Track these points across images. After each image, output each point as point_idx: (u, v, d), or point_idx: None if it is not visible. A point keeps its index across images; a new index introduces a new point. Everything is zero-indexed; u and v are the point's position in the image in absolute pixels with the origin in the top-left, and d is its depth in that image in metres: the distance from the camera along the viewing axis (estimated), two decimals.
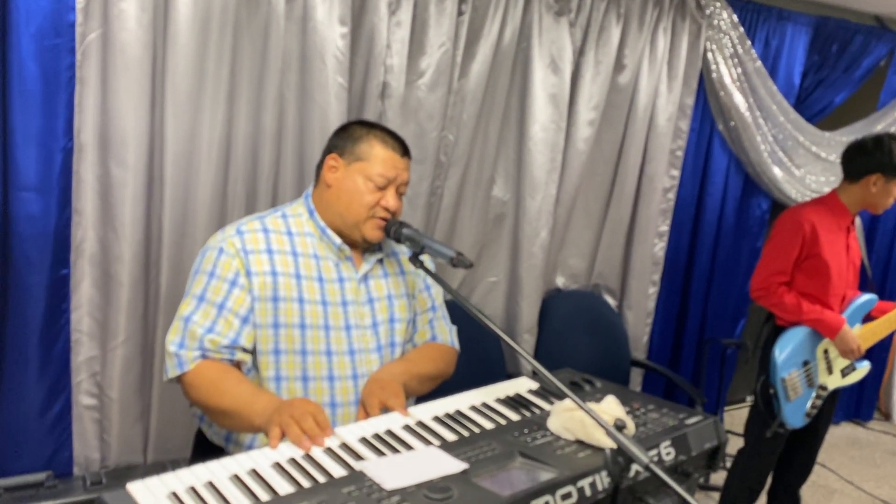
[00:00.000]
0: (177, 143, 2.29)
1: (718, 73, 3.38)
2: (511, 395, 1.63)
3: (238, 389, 1.52)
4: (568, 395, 1.35)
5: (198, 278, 1.63)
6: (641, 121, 3.24)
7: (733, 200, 3.71)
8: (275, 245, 1.66)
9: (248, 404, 1.48)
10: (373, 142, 1.69)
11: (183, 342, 1.56)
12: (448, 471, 1.23)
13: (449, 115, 2.76)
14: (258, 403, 1.48)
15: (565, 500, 1.21)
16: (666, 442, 1.42)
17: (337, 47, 2.44)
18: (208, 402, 1.53)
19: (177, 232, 2.36)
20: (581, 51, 3.02)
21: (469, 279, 3.09)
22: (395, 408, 1.49)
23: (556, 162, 3.01)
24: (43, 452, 2.34)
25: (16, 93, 2.03)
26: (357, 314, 1.70)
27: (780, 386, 2.69)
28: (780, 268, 2.74)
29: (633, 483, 1.33)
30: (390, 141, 1.71)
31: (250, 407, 1.48)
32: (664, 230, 3.50)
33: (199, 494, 1.14)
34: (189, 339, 1.56)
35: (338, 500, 1.12)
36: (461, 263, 1.57)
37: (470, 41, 2.74)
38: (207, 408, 1.55)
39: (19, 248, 2.13)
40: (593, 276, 3.45)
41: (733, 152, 3.60)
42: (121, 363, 2.36)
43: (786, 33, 3.59)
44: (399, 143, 1.73)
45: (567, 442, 1.39)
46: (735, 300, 3.88)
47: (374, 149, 1.68)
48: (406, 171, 1.73)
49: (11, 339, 2.20)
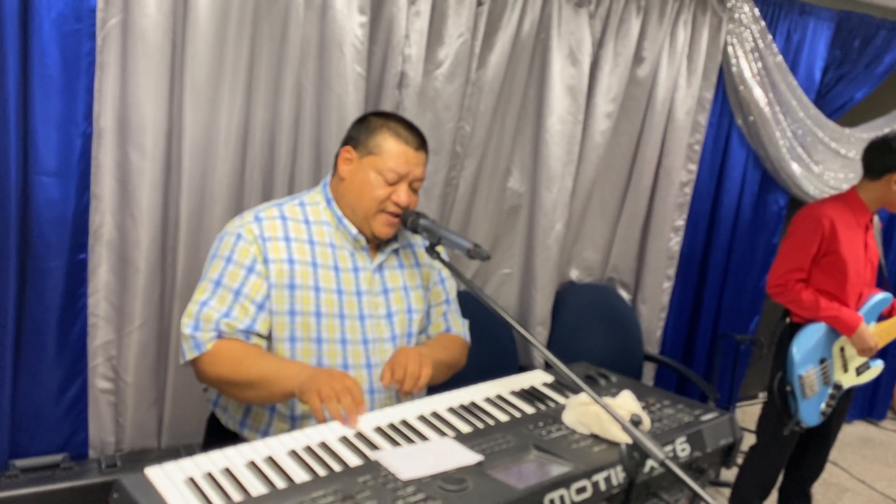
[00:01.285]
0: (195, 129, 2.30)
1: (738, 67, 3.34)
2: (526, 388, 1.63)
3: (265, 359, 1.54)
4: (584, 389, 1.35)
5: (214, 263, 1.63)
6: (660, 114, 3.22)
7: (750, 196, 3.67)
8: (292, 233, 1.66)
9: (278, 370, 1.50)
10: (386, 135, 1.67)
11: (198, 325, 1.57)
12: (463, 462, 1.23)
13: (466, 105, 2.75)
14: (290, 369, 1.50)
15: (580, 494, 1.21)
16: (681, 438, 1.42)
17: (355, 36, 2.43)
18: (233, 376, 1.52)
19: (193, 219, 2.37)
20: (600, 43, 2.99)
21: (483, 270, 3.08)
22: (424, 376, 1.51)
23: (573, 154, 2.99)
24: (59, 435, 2.37)
25: (37, 77, 2.04)
26: (371, 304, 1.71)
27: (797, 383, 2.68)
28: (797, 264, 2.72)
29: (648, 478, 1.33)
30: (404, 134, 1.68)
31: (281, 372, 1.49)
32: (680, 224, 3.48)
33: (216, 480, 1.14)
34: (204, 322, 1.57)
35: (353, 488, 1.13)
36: (478, 255, 1.57)
37: (489, 32, 2.73)
38: (231, 381, 1.53)
39: (38, 231, 2.14)
40: (608, 269, 3.43)
41: (751, 147, 3.57)
42: (136, 348, 2.38)
43: (807, 28, 3.54)
44: (415, 136, 1.70)
45: (582, 436, 1.39)
46: (750, 296, 3.85)
47: (386, 143, 1.67)
48: (420, 166, 1.70)
49: (29, 323, 2.22)
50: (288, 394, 1.48)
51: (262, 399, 1.55)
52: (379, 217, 1.68)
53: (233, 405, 1.69)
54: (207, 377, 1.58)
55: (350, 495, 1.11)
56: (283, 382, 1.48)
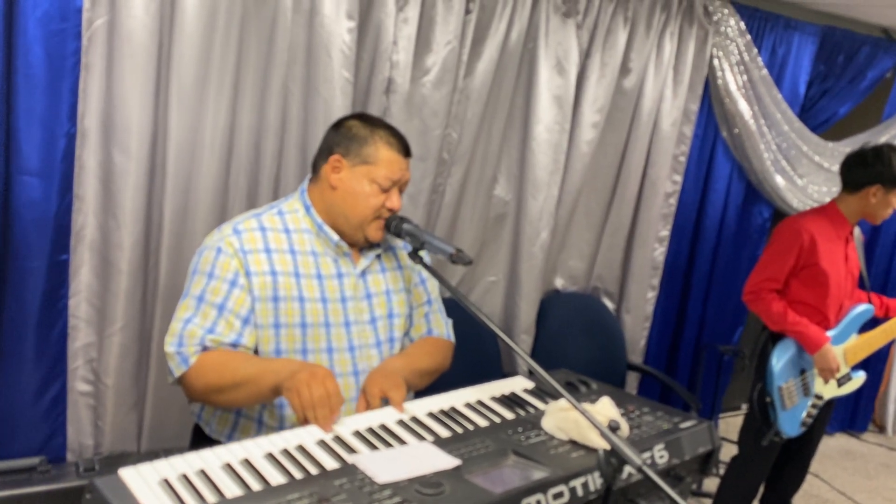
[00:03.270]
0: (180, 132, 2.29)
1: (724, 79, 3.37)
2: (506, 394, 1.63)
3: (250, 360, 1.55)
4: (563, 394, 1.35)
5: (196, 279, 1.61)
6: (645, 125, 3.24)
7: (735, 207, 3.70)
8: (272, 244, 1.65)
9: (263, 367, 1.51)
10: (378, 144, 1.68)
11: (182, 342, 1.56)
12: (441, 466, 1.23)
13: (453, 113, 2.76)
14: (275, 363, 1.51)
15: (557, 500, 1.21)
16: (660, 445, 1.42)
17: (343, 41, 2.43)
18: (220, 381, 1.51)
19: (177, 221, 2.36)
20: (587, 53, 3.01)
21: (468, 278, 3.09)
22: (393, 400, 1.49)
23: (559, 163, 3.01)
24: (37, 437, 2.34)
25: (21, 76, 2.02)
26: (356, 310, 1.71)
27: (776, 394, 2.69)
28: (772, 274, 2.75)
29: (626, 485, 1.33)
30: (394, 141, 1.71)
31: (266, 368, 1.49)
32: (665, 235, 3.50)
33: (190, 482, 1.13)
34: (188, 338, 1.55)
35: (329, 491, 1.12)
36: (460, 260, 1.57)
37: (476, 40, 2.74)
38: (218, 387, 1.52)
39: (20, 232, 2.13)
40: (592, 278, 3.45)
41: (736, 159, 3.60)
42: (117, 350, 2.36)
43: (792, 42, 3.59)
44: (401, 142, 1.73)
45: (560, 442, 1.39)
46: (733, 307, 3.87)
47: (379, 152, 1.68)
48: (408, 170, 1.74)
49: (9, 323, 2.20)
50: (274, 388, 1.47)
51: (251, 398, 1.53)
52: (374, 223, 1.69)
53: (216, 420, 1.68)
54: (195, 390, 1.56)
55: (326, 498, 1.10)
56: (269, 377, 1.47)
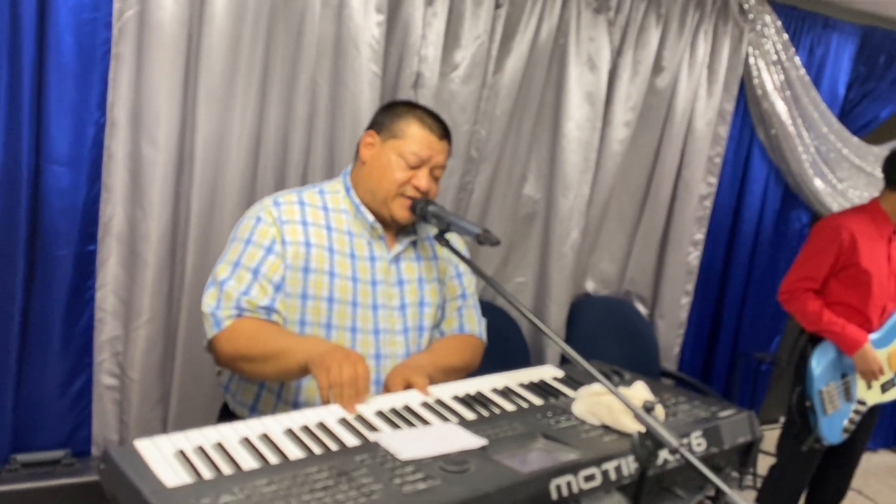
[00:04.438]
0: (208, 124, 2.28)
1: (760, 79, 3.30)
2: (535, 381, 1.57)
3: (282, 334, 1.53)
4: (596, 376, 1.29)
5: (234, 245, 1.63)
6: (679, 125, 3.17)
7: (772, 212, 3.61)
8: (310, 217, 1.66)
9: (294, 343, 1.49)
10: (410, 120, 1.68)
11: (219, 303, 1.56)
12: (466, 446, 1.18)
13: (482, 109, 2.73)
14: (306, 342, 1.49)
15: (588, 482, 1.15)
16: (697, 432, 1.35)
17: (372, 35, 2.42)
18: (249, 351, 1.50)
19: (204, 214, 2.35)
20: (619, 50, 2.97)
21: (496, 279, 3.02)
22: (417, 384, 1.44)
23: (590, 161, 2.95)
24: (62, 430, 2.34)
25: (52, 64, 2.04)
26: (385, 294, 1.68)
27: (816, 398, 2.59)
28: (809, 273, 2.65)
29: (661, 472, 1.26)
30: (429, 121, 1.69)
31: (297, 345, 1.47)
32: (699, 238, 3.42)
33: (206, 454, 1.10)
34: (225, 300, 1.56)
35: (349, 466, 1.07)
36: (487, 240, 1.52)
37: (506, 36, 2.71)
38: (248, 357, 1.51)
39: (48, 220, 2.14)
40: (625, 282, 3.37)
41: (773, 162, 3.51)
42: (143, 344, 2.34)
43: (831, 42, 3.50)
44: (439, 124, 1.70)
45: (592, 427, 1.33)
46: (771, 316, 3.76)
47: (410, 127, 1.67)
48: (442, 154, 1.70)
49: (36, 313, 2.20)
50: (302, 366, 1.44)
51: (278, 372, 1.52)
52: (398, 200, 1.66)
53: (243, 390, 1.66)
54: (224, 356, 1.55)
55: (345, 472, 1.05)
56: (299, 354, 1.44)
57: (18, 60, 1.99)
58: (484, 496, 1.03)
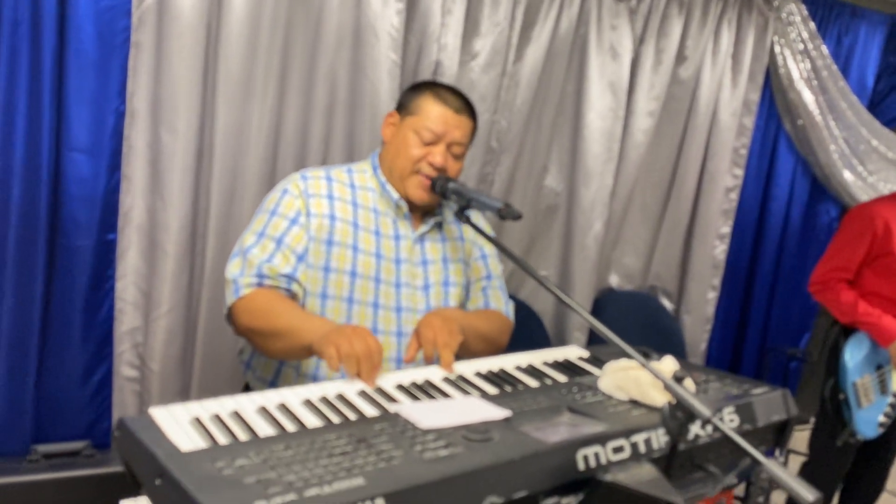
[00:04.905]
0: (228, 114, 2.27)
1: (787, 69, 3.23)
2: (560, 360, 1.53)
3: (293, 311, 1.50)
4: (625, 348, 1.24)
5: (259, 216, 1.64)
6: (704, 115, 3.12)
7: (800, 205, 3.53)
8: (336, 192, 1.67)
9: (303, 321, 1.46)
10: (427, 95, 1.68)
11: (242, 271, 1.56)
12: (489, 417, 1.14)
13: (502, 98, 2.70)
14: (313, 322, 1.46)
15: (617, 454, 1.11)
16: (730, 408, 1.30)
17: (391, 24, 2.40)
18: (261, 325, 1.49)
19: (224, 204, 2.34)
20: (641, 39, 2.92)
21: (518, 272, 2.99)
22: (443, 359, 1.40)
23: (613, 152, 2.90)
24: (82, 421, 2.33)
25: (72, 52, 2.04)
26: (409, 273, 1.67)
27: (850, 391, 2.51)
28: (842, 263, 2.58)
29: (692, 447, 1.21)
30: (444, 95, 1.68)
31: (303, 324, 1.45)
32: (725, 232, 3.35)
33: (223, 422, 1.07)
34: (247, 268, 1.55)
35: (368, 434, 1.04)
36: (509, 214, 1.49)
37: (526, 24, 2.68)
38: (258, 331, 1.50)
39: (68, 209, 2.13)
40: (649, 276, 3.31)
41: (801, 153, 3.44)
42: (163, 334, 2.33)
43: (859, 32, 3.43)
44: (457, 99, 1.69)
45: (620, 401, 1.28)
46: (800, 312, 3.67)
47: (425, 103, 1.67)
48: (459, 129, 1.67)
49: (57, 302, 2.20)
50: (306, 346, 1.40)
51: (287, 350, 1.49)
52: (413, 178, 1.65)
53: (263, 366, 1.66)
54: (240, 326, 1.55)
55: (364, 439, 1.02)
56: (306, 334, 1.41)
57: (39, 48, 2.00)
58: (508, 463, 0.99)
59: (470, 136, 1.71)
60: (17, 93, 2.01)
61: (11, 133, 2.01)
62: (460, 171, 1.71)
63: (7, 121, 2.01)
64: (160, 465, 0.92)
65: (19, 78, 2.00)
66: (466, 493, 0.94)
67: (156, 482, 0.92)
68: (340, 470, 0.92)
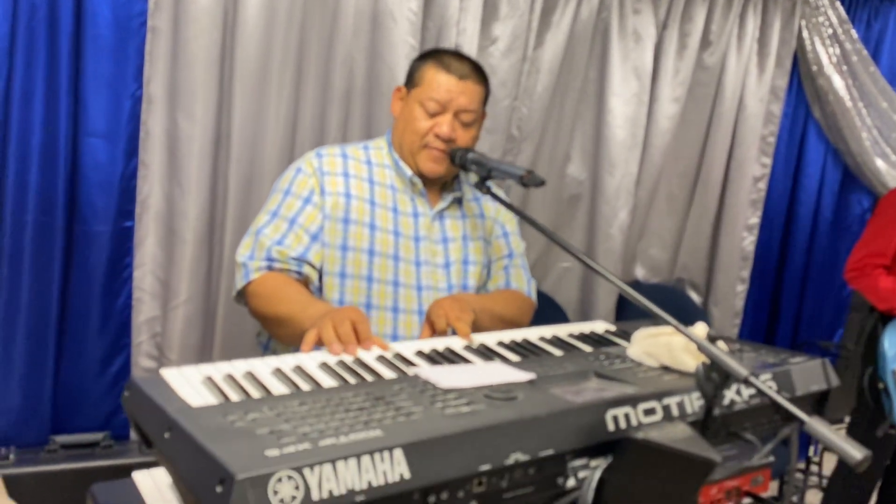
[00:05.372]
0: (245, 99, 2.26)
1: (815, 53, 3.16)
2: (586, 333, 1.47)
3: (296, 297, 1.45)
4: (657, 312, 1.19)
5: (273, 196, 1.61)
6: (730, 101, 3.06)
7: (830, 194, 3.44)
8: (352, 170, 1.63)
9: (302, 309, 1.41)
10: (429, 65, 1.62)
11: (252, 254, 1.53)
12: (513, 379, 1.08)
13: (523, 84, 2.65)
14: (311, 309, 1.40)
15: (648, 416, 1.04)
16: (766, 375, 1.23)
17: (409, 8, 2.38)
18: (267, 311, 1.47)
19: (242, 191, 2.31)
20: (664, 24, 2.87)
21: (541, 264, 2.93)
22: (460, 330, 1.34)
23: (638, 138, 2.85)
24: (101, 412, 2.31)
25: (89, 37, 2.04)
26: (429, 251, 1.62)
27: (890, 380, 2.41)
28: (879, 249, 2.49)
29: (728, 413, 1.15)
30: (448, 62, 1.61)
31: (303, 312, 1.39)
32: (754, 223, 3.27)
33: (236, 381, 1.03)
34: (258, 250, 1.52)
35: (386, 392, 0.99)
36: (532, 181, 1.44)
37: (547, 9, 2.64)
38: (266, 317, 1.48)
39: (86, 194, 2.13)
40: (676, 268, 3.24)
41: (831, 142, 3.35)
42: (181, 324, 2.31)
43: (889, 17, 3.35)
44: (462, 64, 1.62)
45: (650, 367, 1.22)
46: (832, 306, 3.58)
47: (428, 72, 1.61)
48: (465, 95, 1.60)
49: (75, 289, 2.19)
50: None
51: (291, 337, 1.44)
52: (423, 152, 1.61)
53: (281, 349, 1.61)
54: (250, 308, 1.53)
55: (381, 397, 0.97)
56: (304, 322, 1.35)
57: (56, 32, 2.00)
58: (534, 420, 0.94)
59: (480, 101, 1.64)
60: (35, 78, 2.01)
61: (30, 118, 2.01)
62: (475, 140, 1.65)
63: (25, 105, 2.01)
64: (169, 419, 0.88)
65: (37, 63, 2.01)
66: (490, 447, 0.88)
67: (165, 436, 0.88)
68: (357, 423, 0.87)
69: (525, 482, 0.92)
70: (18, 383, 2.16)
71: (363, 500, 0.77)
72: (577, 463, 0.98)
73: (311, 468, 0.75)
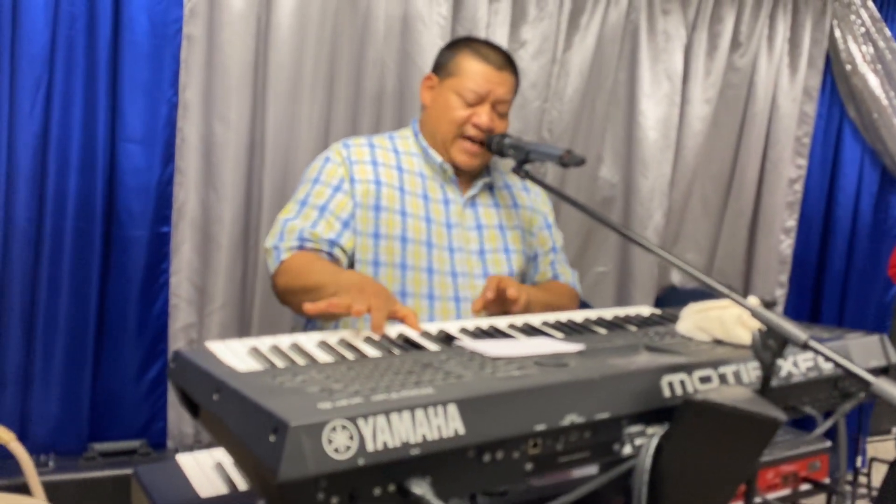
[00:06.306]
0: (278, 105, 2.28)
1: (848, 52, 3.12)
2: (632, 315, 1.43)
3: (326, 269, 1.44)
4: (711, 283, 1.16)
5: (302, 186, 1.60)
6: (763, 102, 3.02)
7: (869, 196, 3.37)
8: (380, 158, 1.62)
9: (332, 275, 1.39)
10: (465, 54, 1.62)
11: (281, 237, 1.51)
12: (562, 350, 1.06)
13: (553, 87, 2.65)
14: (342, 276, 1.40)
15: (704, 384, 1.01)
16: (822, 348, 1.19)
17: (439, 12, 2.39)
18: (294, 284, 1.44)
19: (277, 197, 2.32)
20: (694, 25, 2.86)
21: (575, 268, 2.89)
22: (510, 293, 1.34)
23: (670, 139, 2.82)
24: (138, 420, 2.30)
25: (126, 43, 2.08)
26: (462, 238, 1.61)
27: None
28: None
29: (785, 385, 1.11)
30: (485, 51, 1.62)
31: (333, 278, 1.37)
32: (791, 225, 3.21)
33: (282, 351, 1.01)
34: (288, 234, 1.51)
35: (434, 360, 0.97)
36: (572, 161, 1.43)
37: (576, 11, 2.65)
38: (293, 290, 1.44)
39: (123, 199, 2.15)
40: (713, 273, 3.17)
41: (867, 142, 3.29)
42: (217, 330, 2.30)
43: None
44: (498, 55, 1.63)
45: (702, 341, 1.19)
46: (874, 311, 3.48)
47: (465, 61, 1.61)
48: (503, 86, 1.61)
49: (113, 295, 2.20)
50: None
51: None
52: (458, 143, 1.60)
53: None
54: (279, 290, 1.50)
55: (429, 364, 0.95)
56: (333, 289, 1.32)
57: (95, 40, 2.04)
58: (588, 382, 0.91)
59: (513, 91, 1.65)
60: (74, 85, 2.04)
61: (69, 124, 2.05)
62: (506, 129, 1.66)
63: (65, 113, 2.04)
64: (217, 381, 0.87)
65: (76, 71, 2.04)
66: (545, 407, 0.86)
67: (213, 398, 0.86)
68: (408, 382, 0.85)
69: (581, 446, 0.90)
70: (57, 391, 2.17)
71: (418, 453, 0.75)
72: (634, 429, 0.95)
73: (366, 419, 0.73)
